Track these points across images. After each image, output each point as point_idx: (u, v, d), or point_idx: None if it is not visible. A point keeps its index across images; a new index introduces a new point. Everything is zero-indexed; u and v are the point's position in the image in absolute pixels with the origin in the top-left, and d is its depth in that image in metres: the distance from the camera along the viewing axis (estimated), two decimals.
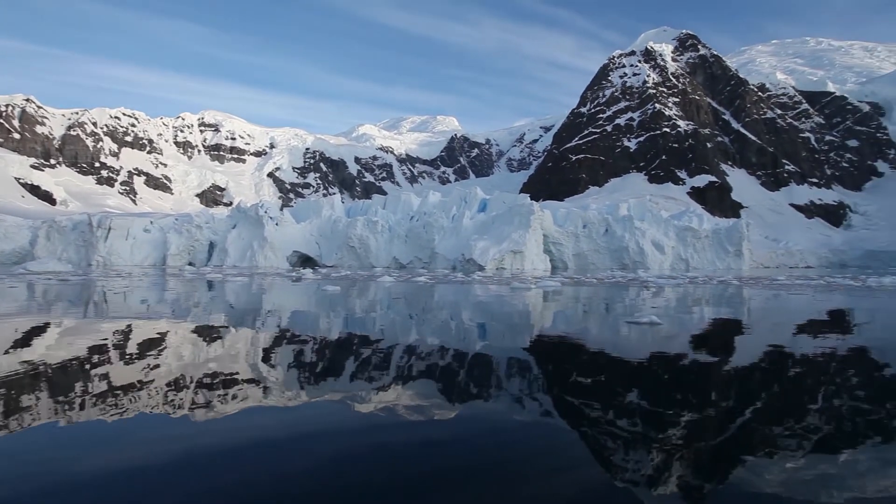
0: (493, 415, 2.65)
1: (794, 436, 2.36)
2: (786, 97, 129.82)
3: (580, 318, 6.82)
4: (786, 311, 8.21)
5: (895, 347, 5.05)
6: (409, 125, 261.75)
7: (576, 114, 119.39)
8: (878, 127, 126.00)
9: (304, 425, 2.46)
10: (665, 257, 42.91)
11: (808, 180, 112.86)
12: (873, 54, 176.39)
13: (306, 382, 3.26)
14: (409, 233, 42.90)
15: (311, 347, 4.60)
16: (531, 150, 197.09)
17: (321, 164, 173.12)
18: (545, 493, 1.70)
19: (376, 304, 8.33)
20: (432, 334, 5.23)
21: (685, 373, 3.57)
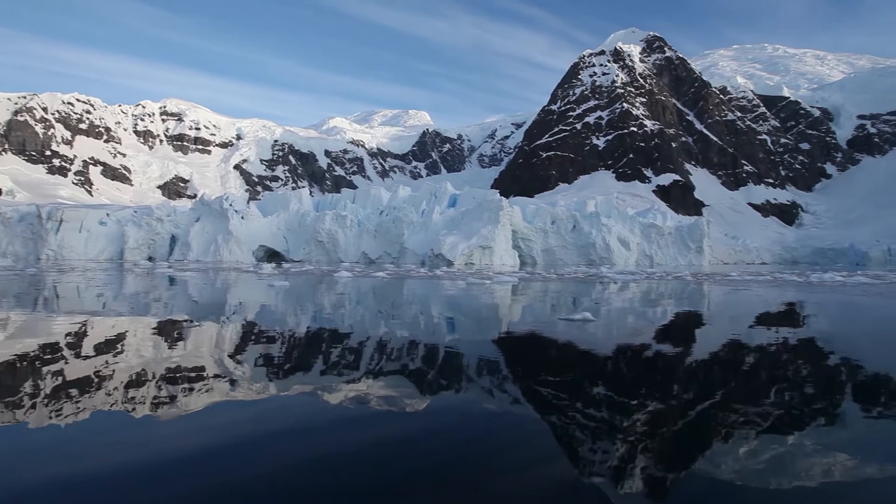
0: (441, 411, 2.62)
1: (744, 424, 2.46)
2: (745, 100, 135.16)
3: (517, 314, 6.78)
4: (726, 306, 8.49)
5: (827, 338, 5.31)
6: (381, 119, 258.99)
7: (546, 111, 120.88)
8: (828, 131, 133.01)
9: (268, 424, 2.39)
10: (630, 253, 44.09)
11: (765, 180, 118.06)
12: (824, 62, 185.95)
13: (272, 381, 3.17)
14: (379, 227, 42.54)
15: (238, 344, 4.46)
16: (503, 146, 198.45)
17: (290, 156, 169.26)
18: (517, 488, 1.70)
19: (320, 301, 8.07)
20: (362, 329, 5.13)
21: (603, 367, 3.58)
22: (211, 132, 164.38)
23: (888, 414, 2.61)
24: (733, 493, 1.64)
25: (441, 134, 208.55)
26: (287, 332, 4.97)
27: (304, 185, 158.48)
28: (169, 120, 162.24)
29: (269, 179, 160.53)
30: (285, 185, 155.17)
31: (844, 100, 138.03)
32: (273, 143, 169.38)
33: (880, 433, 2.30)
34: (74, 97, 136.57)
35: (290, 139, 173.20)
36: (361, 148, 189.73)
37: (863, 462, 1.91)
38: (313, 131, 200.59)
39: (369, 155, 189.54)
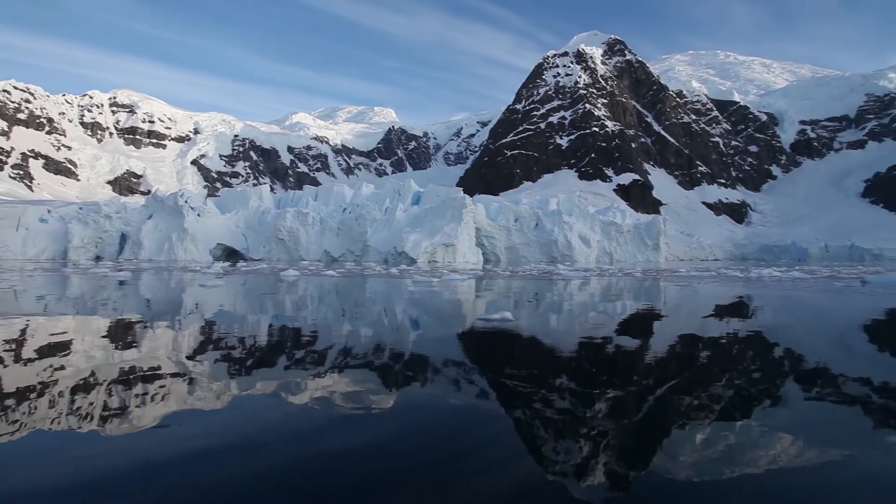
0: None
1: (695, 416, 2.51)
2: (699, 104, 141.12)
3: (437, 313, 6.59)
4: (658, 302, 8.68)
5: (760, 329, 5.57)
6: (346, 115, 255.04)
7: (511, 110, 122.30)
8: (773, 135, 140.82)
9: (221, 434, 2.25)
10: (591, 250, 45.23)
11: (717, 181, 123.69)
12: (770, 70, 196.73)
13: (231, 385, 3.02)
14: (342, 225, 41.88)
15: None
16: (468, 144, 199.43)
17: (251, 152, 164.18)
18: (482, 488, 1.71)
19: (241, 303, 7.68)
20: (255, 331, 4.90)
21: (503, 370, 3.47)
22: (166, 125, 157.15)
23: (822, 398, 2.79)
24: (690, 483, 1.73)
25: (407, 131, 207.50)
26: (171, 336, 4.74)
27: (265, 181, 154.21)
28: (120, 112, 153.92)
29: (229, 176, 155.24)
30: (246, 182, 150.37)
31: (788, 106, 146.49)
32: (233, 137, 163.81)
33: (818, 417, 2.48)
34: (11, 84, 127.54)
35: (251, 134, 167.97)
36: (326, 144, 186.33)
37: (806, 446, 2.05)
38: (275, 126, 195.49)
39: (334, 152, 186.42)
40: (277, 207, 49.27)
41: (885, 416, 2.52)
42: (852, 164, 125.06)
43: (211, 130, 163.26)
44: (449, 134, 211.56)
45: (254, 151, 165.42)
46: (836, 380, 3.23)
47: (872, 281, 12.20)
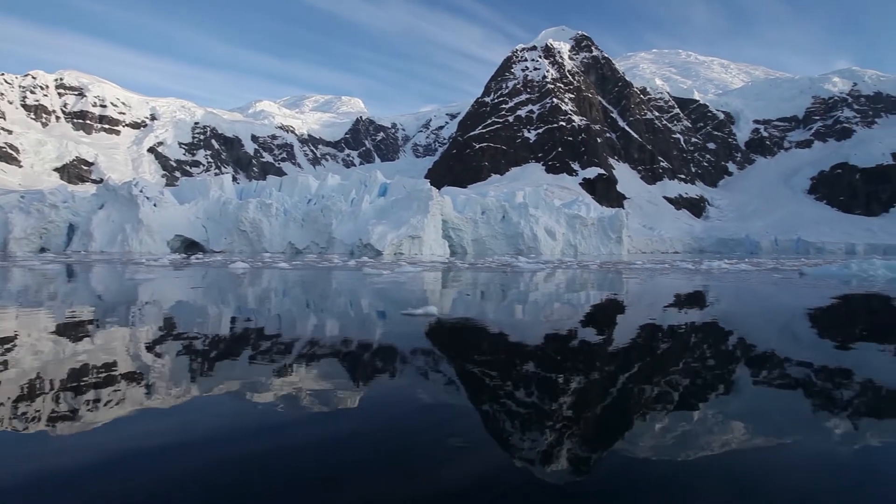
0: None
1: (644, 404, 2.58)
2: (662, 101, 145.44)
3: (365, 306, 6.36)
4: (601, 294, 8.89)
5: (699, 318, 5.83)
6: (312, 104, 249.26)
7: (480, 103, 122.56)
8: (730, 133, 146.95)
9: (183, 430, 2.15)
10: (556, 243, 46.12)
11: (678, 176, 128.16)
12: (727, 70, 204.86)
13: (184, 383, 2.90)
14: (306, 217, 41.08)
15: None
16: (437, 136, 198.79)
17: (213, 140, 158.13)
18: (449, 476, 1.72)
19: (169, 297, 7.31)
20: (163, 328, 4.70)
21: (418, 365, 3.35)
22: (119, 110, 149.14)
23: (761, 383, 2.97)
24: (648, 463, 1.82)
25: (375, 122, 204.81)
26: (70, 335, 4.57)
27: (228, 171, 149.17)
28: (67, 94, 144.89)
29: (189, 165, 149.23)
30: (207, 172, 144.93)
31: (743, 105, 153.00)
32: (193, 125, 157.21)
33: (766, 401, 2.64)
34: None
35: (212, 122, 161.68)
36: (291, 134, 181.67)
37: (756, 429, 2.19)
38: (238, 114, 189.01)
39: (300, 141, 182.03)
40: (240, 198, 47.82)
41: (818, 399, 2.72)
42: (800, 163, 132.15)
43: (169, 117, 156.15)
44: (418, 125, 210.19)
45: (215, 140, 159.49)
46: (772, 366, 3.44)
47: (809, 273, 12.98)
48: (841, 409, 2.50)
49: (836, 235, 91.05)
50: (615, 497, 1.60)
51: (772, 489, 1.64)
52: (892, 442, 2.08)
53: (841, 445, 2.02)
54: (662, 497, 1.60)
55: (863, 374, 3.16)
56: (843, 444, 2.04)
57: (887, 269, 12.15)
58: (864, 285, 10.01)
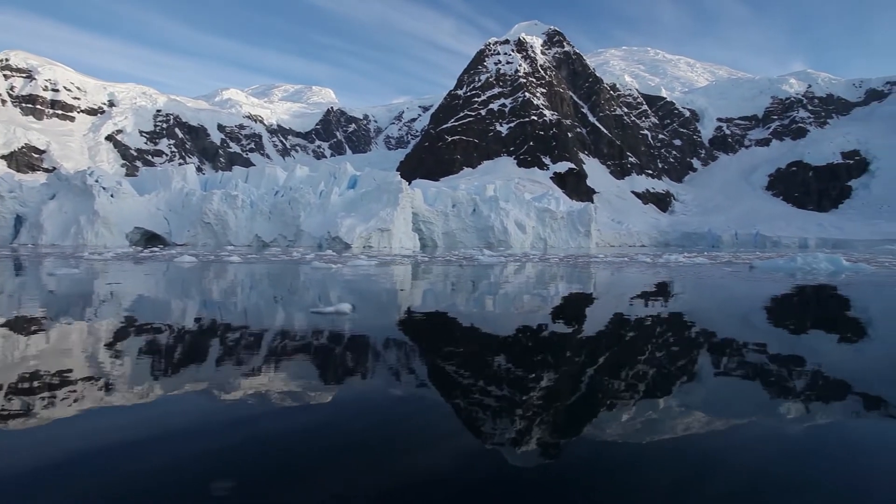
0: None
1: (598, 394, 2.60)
2: (631, 98, 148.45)
3: (282, 302, 6.07)
4: (540, 289, 8.92)
5: (641, 310, 5.99)
6: (282, 94, 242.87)
7: (453, 96, 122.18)
8: (695, 130, 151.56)
9: (155, 425, 2.11)
10: (526, 236, 46.63)
11: (646, 171, 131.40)
12: (693, 69, 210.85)
13: (157, 377, 2.80)
14: (274, 209, 40.16)
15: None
16: (409, 128, 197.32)
17: (176, 129, 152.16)
18: (422, 463, 1.74)
19: (84, 294, 6.98)
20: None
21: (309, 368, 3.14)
22: (74, 95, 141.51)
23: (724, 372, 3.10)
24: (614, 449, 1.89)
25: (346, 113, 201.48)
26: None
27: (193, 161, 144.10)
28: (14, 77, 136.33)
29: (152, 154, 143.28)
30: (171, 162, 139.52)
31: (708, 104, 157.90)
32: (155, 112, 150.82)
33: (723, 389, 2.77)
34: None
35: (176, 109, 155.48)
36: (260, 124, 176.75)
37: (715, 415, 2.31)
38: (204, 102, 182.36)
39: (269, 132, 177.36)
40: (204, 189, 46.31)
41: (761, 382, 2.83)
42: (758, 160, 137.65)
43: (129, 103, 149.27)
44: (390, 117, 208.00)
45: (179, 128, 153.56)
46: (715, 353, 3.57)
47: (759, 266, 13.55)
48: (784, 392, 2.66)
49: (791, 230, 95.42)
50: (583, 480, 1.65)
51: (726, 467, 1.75)
52: (834, 421, 2.25)
53: (789, 425, 2.17)
54: (627, 479, 1.66)
55: (801, 360, 3.33)
56: (792, 423, 2.19)
57: (829, 263, 12.87)
58: (808, 278, 10.54)
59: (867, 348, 3.86)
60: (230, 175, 48.06)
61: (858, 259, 18.94)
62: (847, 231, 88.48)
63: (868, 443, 2.02)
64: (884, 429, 2.17)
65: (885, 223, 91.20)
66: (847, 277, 10.67)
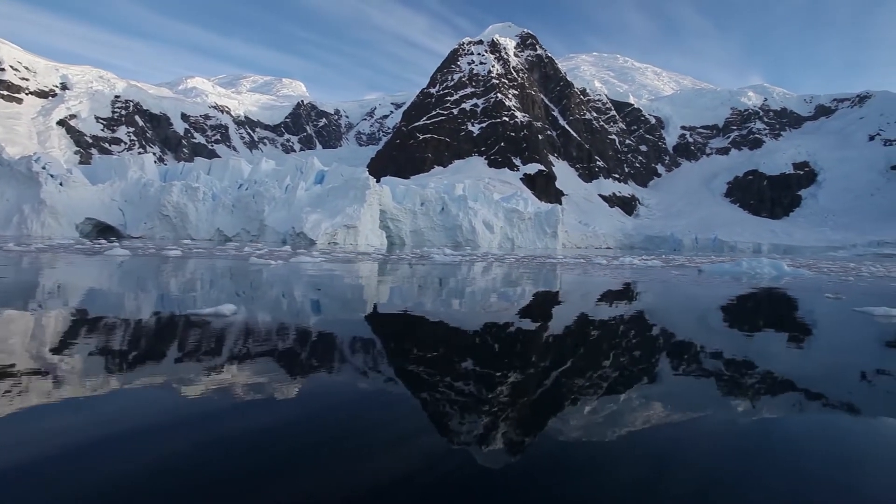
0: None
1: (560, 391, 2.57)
2: (600, 103, 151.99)
3: (163, 301, 5.51)
4: (474, 288, 8.93)
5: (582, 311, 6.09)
6: (250, 85, 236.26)
7: (425, 94, 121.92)
8: (660, 137, 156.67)
9: (116, 422, 2.03)
10: (494, 236, 47.00)
11: (612, 175, 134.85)
12: (660, 78, 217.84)
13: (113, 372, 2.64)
14: (237, 202, 39.00)
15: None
16: (381, 125, 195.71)
17: (136, 116, 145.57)
18: (390, 462, 1.74)
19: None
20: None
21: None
22: (21, 76, 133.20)
23: (668, 370, 3.20)
24: (578, 443, 1.95)
25: (317, 107, 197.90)
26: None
27: (154, 150, 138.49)
28: None
29: (109, 142, 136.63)
30: (130, 150, 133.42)
31: (672, 112, 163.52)
32: (114, 98, 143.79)
33: (681, 385, 2.88)
34: None
35: (136, 96, 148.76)
36: (227, 115, 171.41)
37: (673, 409, 2.42)
38: (167, 90, 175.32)
39: (236, 123, 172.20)
40: (164, 180, 44.52)
41: (694, 379, 2.89)
42: (718, 168, 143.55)
43: (84, 87, 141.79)
44: (362, 113, 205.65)
45: (140, 116, 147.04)
46: (646, 351, 3.64)
47: (706, 270, 14.10)
48: (727, 388, 2.79)
49: (747, 235, 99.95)
50: (548, 478, 1.67)
51: (683, 459, 1.85)
52: (777, 416, 2.39)
53: (737, 420, 2.30)
54: (589, 473, 1.71)
55: (737, 357, 3.44)
56: (739, 418, 2.33)
57: (772, 268, 13.55)
58: (751, 282, 11.04)
59: (796, 347, 4.06)
60: (192, 166, 46.37)
61: (801, 265, 19.99)
62: (796, 238, 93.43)
63: (808, 435, 2.17)
64: (815, 421, 2.34)
65: (831, 231, 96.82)
66: (786, 282, 11.24)
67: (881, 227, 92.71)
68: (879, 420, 2.38)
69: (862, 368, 3.36)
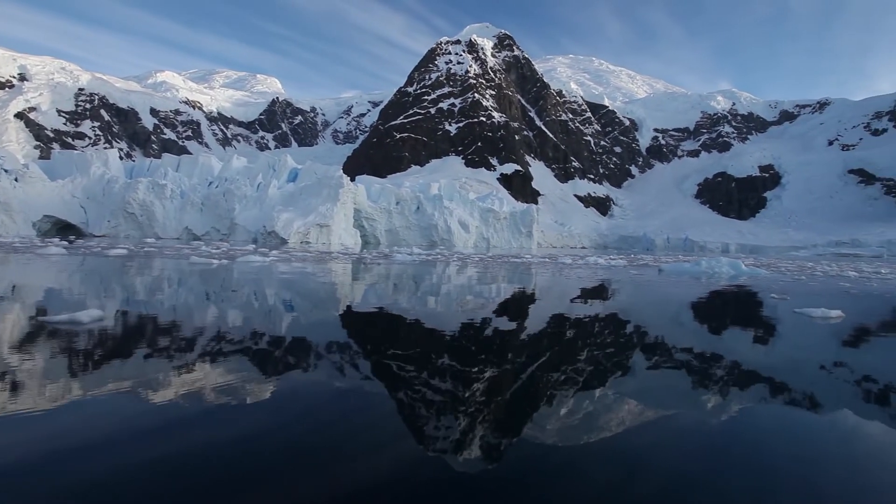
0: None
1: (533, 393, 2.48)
2: (576, 105, 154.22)
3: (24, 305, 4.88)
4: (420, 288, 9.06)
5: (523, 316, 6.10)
6: (223, 80, 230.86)
7: (403, 92, 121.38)
8: (634, 139, 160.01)
9: (76, 430, 1.94)
10: (469, 236, 47.09)
11: (588, 176, 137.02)
12: (634, 81, 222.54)
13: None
14: (207, 200, 37.96)
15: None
16: (358, 123, 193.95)
17: (102, 110, 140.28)
18: (366, 468, 1.72)
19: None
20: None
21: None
22: None
23: (649, 364, 3.24)
24: (555, 448, 1.95)
25: (293, 104, 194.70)
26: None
27: (122, 146, 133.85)
28: None
29: (72, 136, 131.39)
30: (95, 146, 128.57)
31: (646, 115, 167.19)
32: (77, 91, 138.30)
33: (655, 381, 2.92)
34: None
35: (101, 89, 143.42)
36: (198, 110, 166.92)
37: (646, 407, 2.47)
38: (135, 84, 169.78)
39: (208, 119, 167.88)
40: (129, 177, 43.05)
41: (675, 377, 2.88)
42: (689, 170, 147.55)
43: (45, 78, 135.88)
44: (339, 111, 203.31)
45: (106, 110, 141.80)
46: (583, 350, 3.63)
47: (667, 270, 14.35)
48: (691, 385, 2.77)
49: (716, 236, 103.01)
50: (523, 478, 1.68)
51: (658, 459, 1.89)
52: (748, 409, 2.47)
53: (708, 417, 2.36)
54: (562, 475, 1.71)
55: (661, 360, 3.46)
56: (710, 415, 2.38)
57: (730, 268, 13.87)
58: (710, 281, 11.30)
59: (726, 349, 4.13)
60: (159, 163, 44.95)
61: (759, 264, 20.63)
62: (762, 238, 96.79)
63: (772, 431, 2.24)
64: (769, 416, 2.42)
65: (794, 232, 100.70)
66: (741, 282, 11.55)
67: (839, 227, 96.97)
68: (792, 412, 2.43)
69: (792, 368, 3.45)
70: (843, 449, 2.06)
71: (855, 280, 13.34)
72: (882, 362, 3.65)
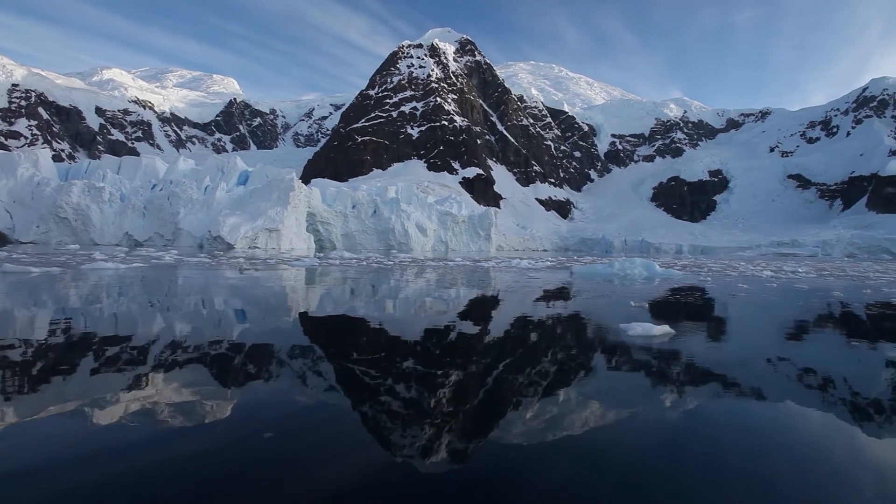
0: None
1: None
2: (537, 110, 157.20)
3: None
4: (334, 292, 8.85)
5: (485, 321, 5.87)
6: (177, 80, 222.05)
7: (364, 95, 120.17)
8: (593, 144, 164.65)
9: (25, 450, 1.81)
10: (427, 239, 46.80)
11: (549, 180, 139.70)
12: (592, 88, 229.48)
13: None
14: (150, 204, 36.05)
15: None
16: (320, 126, 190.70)
17: (40, 108, 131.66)
18: (333, 476, 1.70)
19: None
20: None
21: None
22: None
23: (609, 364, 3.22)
24: (521, 449, 1.97)
25: (251, 106, 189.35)
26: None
27: (63, 147, 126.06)
28: None
29: (5, 135, 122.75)
30: (32, 146, 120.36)
31: (604, 120, 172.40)
32: (11, 87, 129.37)
33: (614, 381, 2.97)
34: None
35: (39, 85, 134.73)
36: (150, 110, 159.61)
37: (608, 406, 2.52)
38: (78, 81, 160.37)
39: (160, 120, 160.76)
40: (64, 179, 40.33)
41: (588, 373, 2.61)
42: (645, 174, 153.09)
43: None
44: (299, 114, 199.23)
45: (44, 108, 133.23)
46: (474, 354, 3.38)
47: (578, 272, 13.43)
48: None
49: (670, 237, 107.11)
50: (487, 479, 1.71)
51: (620, 454, 1.93)
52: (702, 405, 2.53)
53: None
54: (530, 474, 1.74)
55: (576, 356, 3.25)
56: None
57: (643, 269, 13.29)
58: (614, 285, 10.23)
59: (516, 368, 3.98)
60: (98, 164, 42.41)
61: (673, 265, 20.73)
62: (712, 239, 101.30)
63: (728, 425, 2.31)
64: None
65: (740, 233, 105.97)
66: (645, 285, 10.38)
67: (780, 229, 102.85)
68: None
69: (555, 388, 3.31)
70: (787, 439, 2.17)
71: (760, 281, 12.49)
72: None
